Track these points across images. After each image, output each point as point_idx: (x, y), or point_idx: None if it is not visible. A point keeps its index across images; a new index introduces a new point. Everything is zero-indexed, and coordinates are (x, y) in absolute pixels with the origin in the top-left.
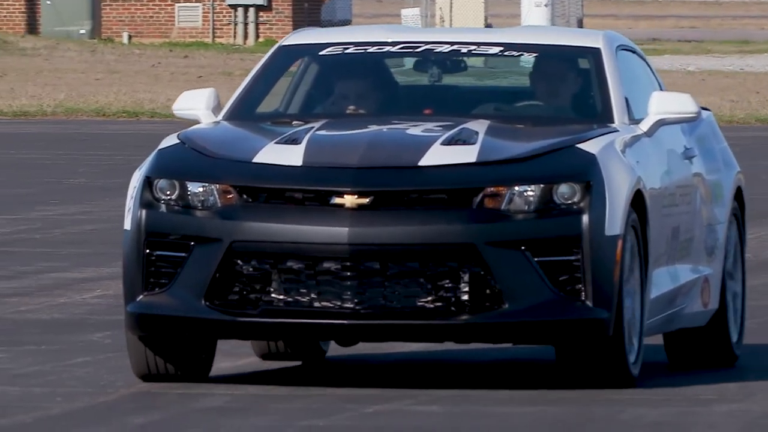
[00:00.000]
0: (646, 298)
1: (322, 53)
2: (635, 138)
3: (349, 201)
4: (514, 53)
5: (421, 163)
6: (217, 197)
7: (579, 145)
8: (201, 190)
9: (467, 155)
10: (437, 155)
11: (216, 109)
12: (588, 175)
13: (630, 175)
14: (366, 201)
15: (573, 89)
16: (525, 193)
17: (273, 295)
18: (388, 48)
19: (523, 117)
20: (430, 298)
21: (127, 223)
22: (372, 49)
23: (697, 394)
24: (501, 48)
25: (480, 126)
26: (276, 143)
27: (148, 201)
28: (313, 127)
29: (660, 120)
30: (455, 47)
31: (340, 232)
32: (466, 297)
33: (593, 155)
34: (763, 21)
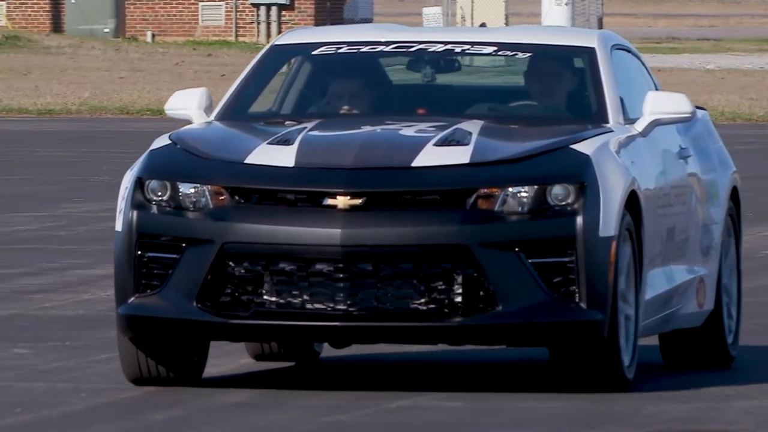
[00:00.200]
0: (641, 299)
1: (314, 53)
2: (630, 138)
3: (342, 202)
4: (508, 53)
5: (414, 164)
6: (209, 198)
7: (573, 146)
8: (192, 191)
9: (460, 156)
10: (430, 156)
11: (208, 109)
12: (582, 176)
13: (624, 176)
14: (359, 202)
15: (567, 89)
16: (519, 194)
17: (265, 297)
18: (381, 48)
19: (517, 117)
20: (423, 299)
21: (119, 225)
22: (365, 49)
23: (716, 390)
24: (495, 48)
25: (474, 126)
26: (268, 144)
27: (139, 202)
28: (306, 128)
29: (655, 120)
30: (449, 47)
31: (332, 233)
32: (459, 299)
33: (587, 156)
34: None
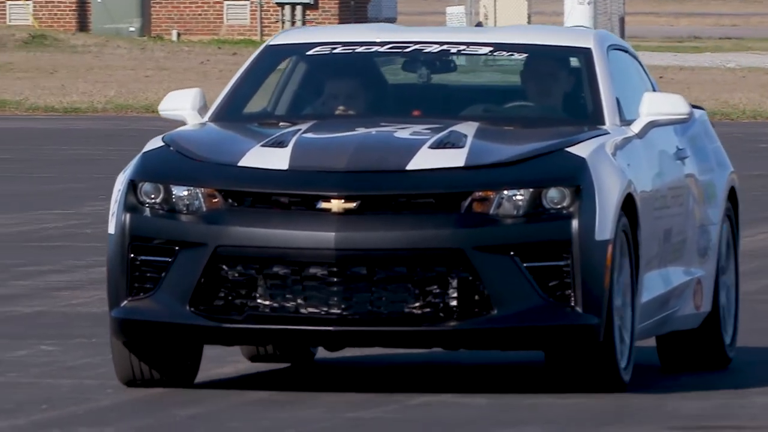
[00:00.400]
0: (637, 302)
1: (309, 53)
2: (626, 140)
3: (336, 205)
4: (504, 53)
5: (409, 167)
6: (202, 201)
7: (568, 149)
8: (186, 193)
9: (455, 159)
10: (425, 159)
11: (202, 110)
12: (578, 179)
13: (620, 179)
14: (353, 205)
15: (563, 90)
16: (514, 198)
17: (259, 301)
18: (376, 48)
19: (513, 118)
20: (417, 303)
21: (111, 227)
22: (360, 49)
23: (738, 386)
24: (491, 48)
25: (469, 129)
26: (262, 146)
27: (132, 205)
28: (300, 130)
29: (651, 122)
30: (444, 47)
31: (326, 237)
32: (454, 303)
33: (583, 159)
34: None
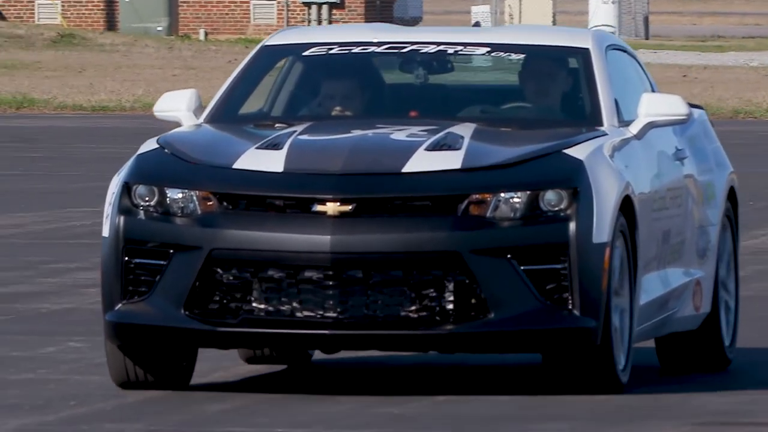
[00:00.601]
0: (635, 304)
1: (305, 53)
2: (624, 141)
3: (331, 208)
4: (501, 54)
5: (405, 170)
6: (197, 204)
7: (566, 151)
8: (180, 196)
9: (452, 161)
10: (421, 161)
11: (198, 111)
12: (575, 182)
13: (618, 181)
14: (348, 208)
15: (561, 91)
16: (511, 200)
17: (254, 305)
18: (373, 48)
19: (511, 119)
20: (414, 307)
21: (105, 230)
22: (357, 50)
23: (762, 382)
24: (488, 49)
25: (466, 130)
26: (257, 148)
27: (126, 207)
28: (295, 132)
29: (650, 122)
30: (441, 48)
31: (322, 240)
32: (450, 306)
33: (580, 161)
34: None
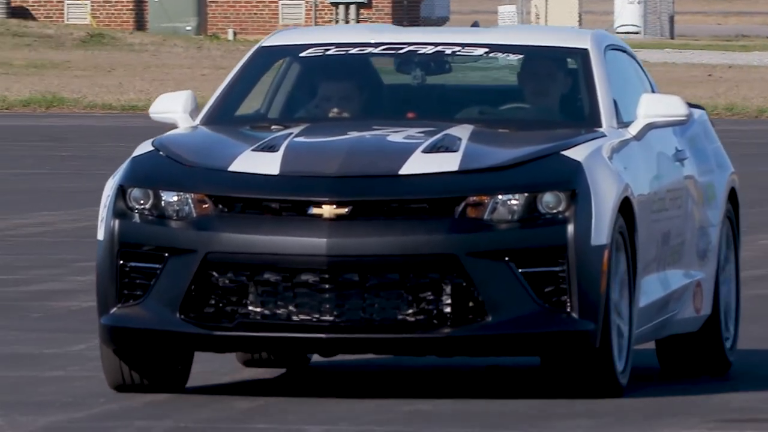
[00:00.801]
0: (634, 307)
1: (302, 54)
2: (623, 143)
3: (327, 211)
4: (499, 54)
5: (402, 172)
6: (192, 207)
7: (564, 152)
8: (175, 199)
9: (449, 163)
10: (418, 163)
11: (194, 113)
12: (573, 184)
13: (617, 183)
14: (344, 211)
15: (560, 92)
16: (508, 202)
17: (250, 308)
18: (370, 49)
19: (509, 120)
20: (411, 310)
21: (100, 234)
22: (354, 51)
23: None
24: (486, 49)
25: (463, 132)
26: (253, 150)
27: (121, 210)
28: (292, 133)
29: (649, 123)
30: (439, 48)
31: (318, 243)
32: (448, 309)
33: (579, 163)
34: None
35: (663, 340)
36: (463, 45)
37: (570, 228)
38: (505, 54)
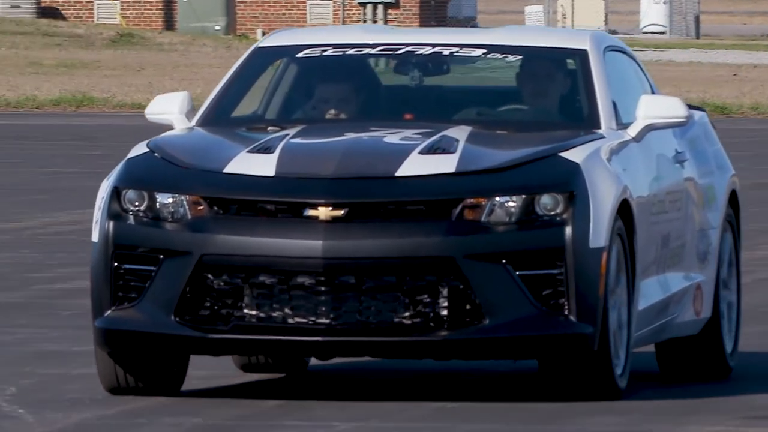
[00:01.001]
0: (633, 310)
1: (299, 55)
2: (622, 144)
3: (323, 213)
4: (498, 55)
5: (398, 174)
6: (187, 209)
7: (562, 154)
8: (170, 201)
9: (446, 165)
10: (415, 165)
11: (190, 114)
12: (571, 185)
13: (616, 184)
14: (341, 213)
15: (558, 93)
16: (506, 204)
17: (245, 311)
18: (367, 50)
19: (507, 122)
20: (407, 313)
21: (95, 236)
22: (351, 51)
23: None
24: (484, 50)
25: (461, 133)
26: (248, 152)
27: (116, 212)
28: (288, 135)
29: (649, 125)
30: (437, 49)
31: (313, 245)
32: (445, 312)
33: (577, 164)
34: None
35: (663, 343)
36: (461, 46)
37: (568, 230)
38: (504, 55)
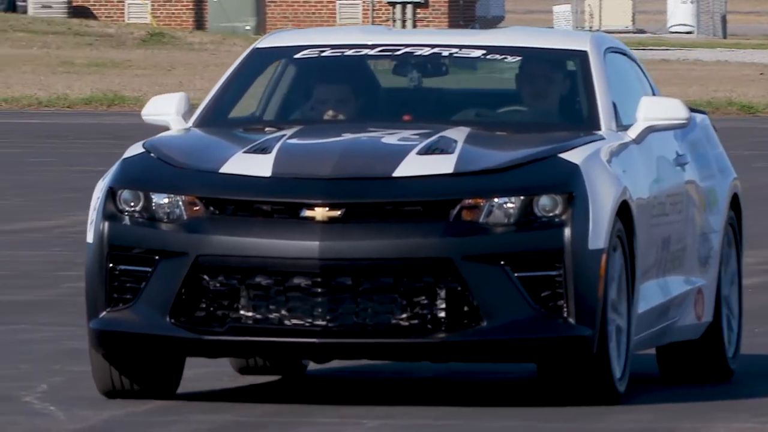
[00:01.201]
0: (633, 312)
1: (297, 56)
2: (622, 146)
3: (320, 214)
4: (497, 56)
5: (396, 174)
6: (183, 209)
7: (561, 155)
8: (166, 201)
9: (444, 165)
10: (413, 165)
11: (187, 115)
12: (570, 186)
13: (615, 186)
14: (337, 214)
15: (558, 94)
16: (504, 206)
17: (241, 312)
18: (366, 51)
19: (506, 123)
20: (404, 315)
21: (90, 236)
22: (349, 52)
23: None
24: (484, 51)
25: (459, 134)
26: (245, 152)
27: (111, 213)
28: (285, 135)
29: (649, 127)
30: (436, 50)
31: (310, 246)
32: (442, 314)
33: (576, 165)
34: None
35: (663, 346)
36: (461, 47)
37: (567, 231)
38: (503, 56)
